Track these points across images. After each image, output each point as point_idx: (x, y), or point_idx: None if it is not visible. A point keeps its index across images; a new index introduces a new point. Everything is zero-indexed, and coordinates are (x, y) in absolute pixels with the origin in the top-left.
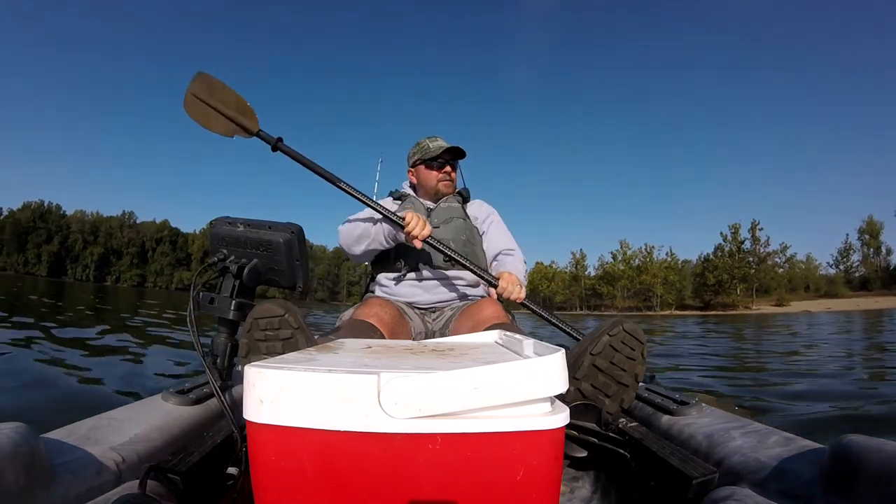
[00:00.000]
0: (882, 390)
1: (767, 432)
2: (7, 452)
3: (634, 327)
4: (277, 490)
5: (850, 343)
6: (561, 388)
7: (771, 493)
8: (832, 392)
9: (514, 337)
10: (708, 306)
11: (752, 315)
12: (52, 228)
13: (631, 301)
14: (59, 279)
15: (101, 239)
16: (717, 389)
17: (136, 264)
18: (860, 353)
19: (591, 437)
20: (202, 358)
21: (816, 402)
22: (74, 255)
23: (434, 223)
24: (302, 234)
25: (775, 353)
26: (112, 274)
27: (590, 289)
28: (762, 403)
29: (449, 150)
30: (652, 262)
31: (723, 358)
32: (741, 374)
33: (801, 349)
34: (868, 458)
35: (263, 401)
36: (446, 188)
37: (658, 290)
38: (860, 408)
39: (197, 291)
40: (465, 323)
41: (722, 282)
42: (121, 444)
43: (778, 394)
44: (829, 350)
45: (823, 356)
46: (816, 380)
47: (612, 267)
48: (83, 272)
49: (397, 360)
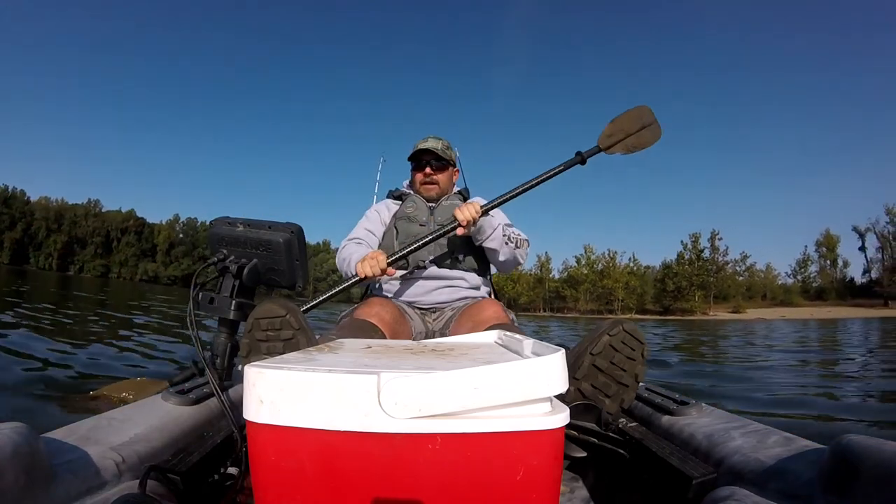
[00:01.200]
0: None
1: (767, 432)
2: (7, 452)
3: (634, 327)
4: (277, 490)
5: (805, 347)
6: (561, 388)
7: (771, 493)
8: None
9: (513, 337)
10: (667, 311)
11: (710, 321)
12: (15, 214)
13: (593, 304)
14: (22, 267)
15: (66, 227)
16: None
17: (100, 254)
18: (813, 356)
19: (591, 437)
20: (202, 358)
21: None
22: (38, 242)
23: (438, 221)
24: (301, 234)
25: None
26: (76, 263)
27: (553, 291)
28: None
29: (424, 151)
30: (614, 267)
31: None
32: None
33: (757, 349)
34: (868, 458)
35: (263, 401)
36: (427, 191)
37: (619, 295)
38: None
39: (197, 291)
40: (466, 323)
41: (681, 288)
42: (121, 444)
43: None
44: (782, 350)
45: (775, 357)
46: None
47: (576, 271)
48: (46, 261)
49: (397, 360)
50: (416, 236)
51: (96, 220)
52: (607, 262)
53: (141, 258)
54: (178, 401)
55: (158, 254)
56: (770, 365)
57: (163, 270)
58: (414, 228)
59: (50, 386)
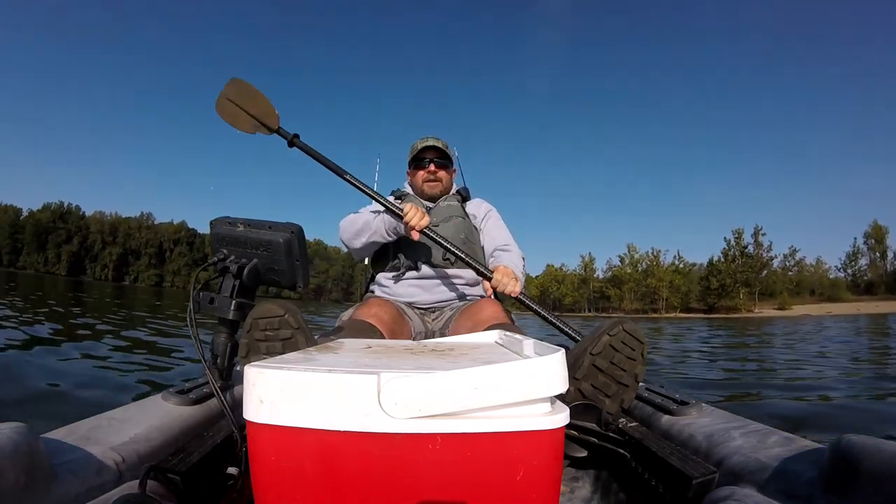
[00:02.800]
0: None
1: (767, 432)
2: (7, 452)
3: (634, 327)
4: (277, 490)
5: (856, 345)
6: (561, 388)
7: (771, 493)
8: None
9: (513, 337)
10: (712, 309)
11: (754, 318)
12: (71, 229)
13: (637, 304)
14: (79, 278)
15: (120, 239)
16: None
17: (153, 264)
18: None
19: (591, 437)
20: (202, 358)
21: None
22: (94, 254)
23: (434, 222)
24: (302, 234)
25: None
26: (130, 274)
27: (598, 291)
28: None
29: (427, 149)
30: (658, 265)
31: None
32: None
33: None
34: (868, 458)
35: (263, 401)
36: (431, 189)
37: (664, 294)
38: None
39: (197, 291)
40: (465, 323)
41: (725, 286)
42: (121, 444)
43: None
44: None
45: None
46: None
47: (620, 270)
48: (102, 272)
49: (397, 360)
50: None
51: (149, 231)
52: (651, 260)
53: (193, 267)
54: (178, 401)
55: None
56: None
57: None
58: None
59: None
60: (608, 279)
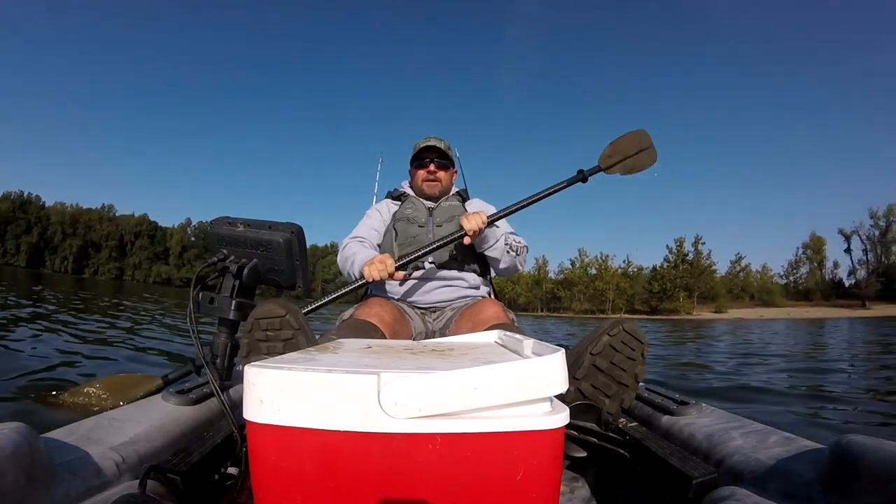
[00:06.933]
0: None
1: (767, 432)
2: (7, 452)
3: (634, 327)
4: (277, 490)
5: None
6: (561, 388)
7: (771, 493)
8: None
9: (513, 337)
10: (655, 311)
11: (689, 320)
12: (31, 219)
13: (586, 304)
14: (38, 270)
15: (81, 231)
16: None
17: (114, 257)
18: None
19: (591, 437)
20: (202, 358)
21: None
22: (53, 246)
23: (437, 222)
24: (302, 234)
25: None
26: (90, 266)
27: (550, 292)
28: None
29: (428, 149)
30: (606, 269)
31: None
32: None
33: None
34: (868, 458)
35: (263, 401)
36: (430, 188)
37: (610, 296)
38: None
39: (197, 291)
40: (466, 323)
41: (666, 289)
42: (121, 444)
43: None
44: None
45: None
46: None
47: (571, 273)
48: (62, 264)
49: (397, 360)
50: (415, 237)
51: (110, 224)
52: (600, 264)
53: (154, 261)
54: (178, 401)
55: (171, 256)
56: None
57: (175, 273)
58: (413, 230)
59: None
60: (559, 281)
